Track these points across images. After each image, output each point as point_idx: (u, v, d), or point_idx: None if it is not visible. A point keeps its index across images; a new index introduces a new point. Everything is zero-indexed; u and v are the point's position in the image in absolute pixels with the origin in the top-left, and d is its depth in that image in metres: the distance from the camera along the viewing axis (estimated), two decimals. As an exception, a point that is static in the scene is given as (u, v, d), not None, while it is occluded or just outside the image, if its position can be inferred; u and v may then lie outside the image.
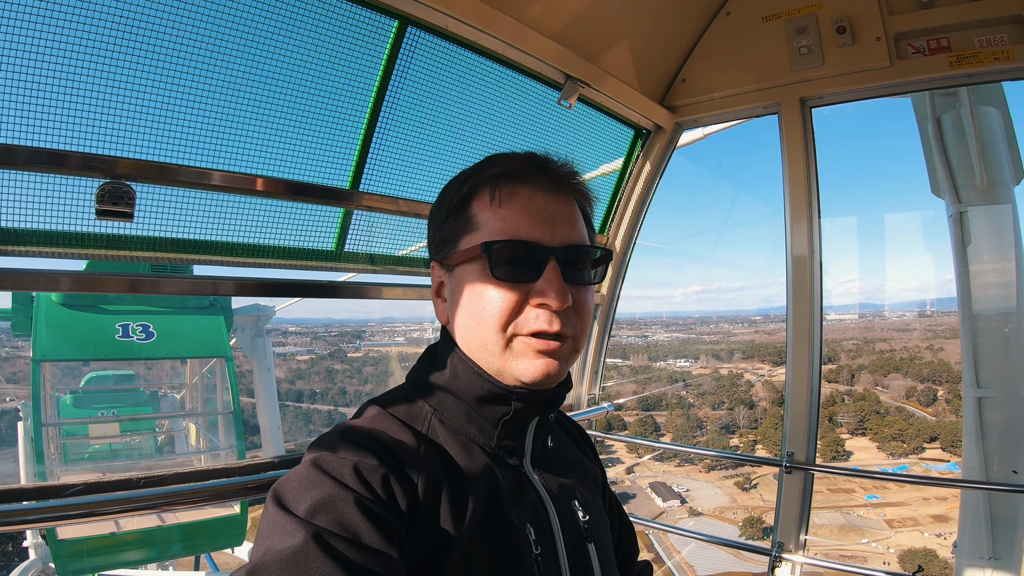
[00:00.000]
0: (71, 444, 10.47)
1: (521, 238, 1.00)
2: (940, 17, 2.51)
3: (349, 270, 2.51)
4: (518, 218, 1.01)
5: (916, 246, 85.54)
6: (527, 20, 2.30)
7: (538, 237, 1.00)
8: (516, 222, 1.01)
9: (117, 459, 10.71)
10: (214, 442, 10.51)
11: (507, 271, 0.99)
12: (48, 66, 1.58)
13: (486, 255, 1.00)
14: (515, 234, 1.00)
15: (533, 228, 1.01)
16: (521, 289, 1.00)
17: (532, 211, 1.02)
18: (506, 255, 0.99)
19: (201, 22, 1.77)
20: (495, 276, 0.99)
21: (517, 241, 1.00)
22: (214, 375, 11.20)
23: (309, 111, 2.12)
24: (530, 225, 1.01)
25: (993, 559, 3.19)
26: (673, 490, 38.57)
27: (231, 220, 2.07)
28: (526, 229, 1.00)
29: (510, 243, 1.00)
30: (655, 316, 78.51)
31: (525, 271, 1.00)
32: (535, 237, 1.00)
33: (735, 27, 2.99)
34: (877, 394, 44.00)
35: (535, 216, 1.01)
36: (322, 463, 0.91)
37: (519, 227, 1.00)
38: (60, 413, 10.54)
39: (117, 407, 11.44)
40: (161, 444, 12.70)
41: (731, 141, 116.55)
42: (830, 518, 34.05)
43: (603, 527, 1.21)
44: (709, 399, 48.07)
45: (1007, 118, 3.21)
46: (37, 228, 1.72)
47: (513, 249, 1.00)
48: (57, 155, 1.63)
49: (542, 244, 1.00)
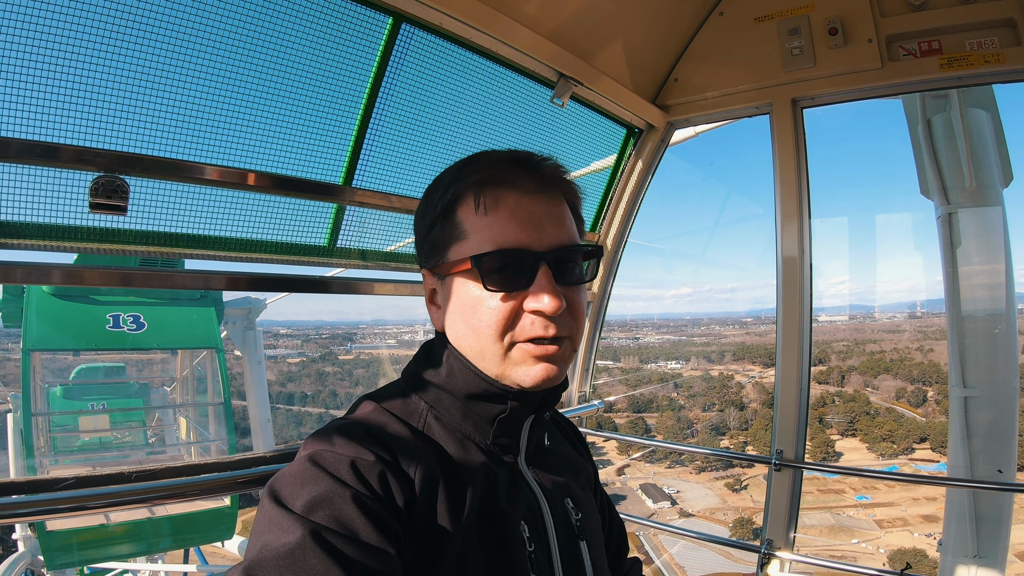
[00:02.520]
0: (60, 437, 10.41)
1: (509, 246, 0.99)
2: (932, 20, 2.53)
3: (341, 266, 2.51)
4: (505, 225, 1.00)
5: (907, 248, 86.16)
6: (521, 18, 2.30)
7: (526, 243, 0.99)
8: (503, 229, 1.00)
9: (107, 451, 10.65)
10: (204, 435, 10.45)
11: (499, 280, 0.99)
12: (42, 59, 1.57)
13: (476, 267, 0.99)
14: (503, 242, 0.99)
15: (521, 234, 0.99)
16: (514, 297, 0.99)
17: (519, 216, 1.00)
18: (496, 264, 0.98)
19: (196, 18, 1.77)
20: (487, 287, 0.99)
21: (506, 250, 0.99)
22: (204, 369, 11.15)
23: (303, 107, 2.11)
24: (518, 231, 0.99)
25: (978, 557, 3.22)
26: (664, 491, 38.67)
27: (223, 215, 2.06)
28: (514, 235, 0.99)
29: (499, 253, 0.98)
30: (646, 318, 78.75)
31: (517, 278, 0.99)
32: (523, 243, 0.99)
33: (728, 27, 3.00)
34: (867, 395, 44.30)
35: (522, 221, 1.00)
36: (319, 459, 0.90)
37: (506, 234, 0.99)
38: (50, 405, 10.46)
39: (107, 399, 11.36)
40: (151, 437, 12.64)
41: (722, 140, 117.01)
42: (820, 518, 34.25)
43: (595, 525, 1.21)
44: (699, 400, 48.25)
45: (997, 121, 3.24)
46: (28, 221, 1.71)
47: (503, 258, 0.99)
48: (50, 148, 1.63)
49: (531, 249, 0.99)
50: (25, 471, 8.05)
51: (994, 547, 3.21)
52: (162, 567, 11.38)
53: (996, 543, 3.22)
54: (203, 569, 11.17)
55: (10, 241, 1.69)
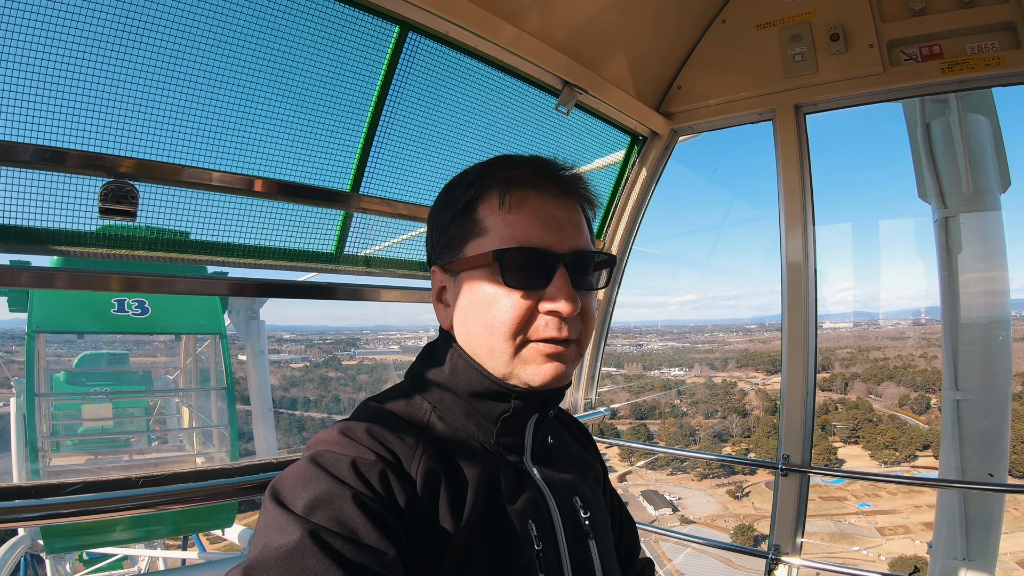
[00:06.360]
0: (63, 425, 10.38)
1: (532, 244, 0.99)
2: (932, 24, 2.55)
3: (348, 272, 2.51)
4: (528, 224, 1.00)
5: (911, 254, 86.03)
6: (526, 27, 2.33)
7: (548, 244, 1.00)
8: (526, 228, 1.00)
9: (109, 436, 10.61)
10: (207, 421, 10.37)
11: (518, 278, 0.99)
12: (53, 65, 1.59)
13: (497, 262, 0.99)
14: (525, 241, 0.99)
15: (543, 234, 1.00)
16: (532, 296, 0.99)
17: (542, 217, 1.01)
18: (518, 261, 0.99)
19: (207, 26, 1.79)
20: (506, 283, 0.99)
21: (529, 248, 0.99)
22: (207, 358, 11.11)
23: (311, 114, 2.14)
24: (540, 231, 1.00)
25: (967, 560, 3.23)
26: (665, 498, 38.55)
27: (231, 220, 2.08)
28: (536, 236, 1.00)
29: (522, 250, 0.99)
30: (650, 324, 78.68)
31: (535, 277, 0.99)
32: (545, 244, 1.00)
33: (730, 34, 3.02)
34: (870, 402, 44.18)
35: (545, 222, 1.01)
36: (320, 459, 0.90)
37: (529, 233, 1.00)
38: (53, 390, 10.44)
39: (110, 385, 11.33)
40: (153, 425, 12.60)
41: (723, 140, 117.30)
42: (822, 525, 34.08)
43: (604, 524, 1.21)
44: (702, 408, 48.15)
45: (996, 126, 3.24)
46: (37, 226, 1.72)
47: (524, 256, 0.99)
48: (59, 153, 1.64)
49: (552, 251, 1.00)
50: (28, 458, 7.97)
51: (984, 550, 3.22)
52: (161, 554, 11.32)
53: (986, 546, 3.22)
54: (202, 556, 11.08)
55: (18, 246, 1.70)
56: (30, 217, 1.69)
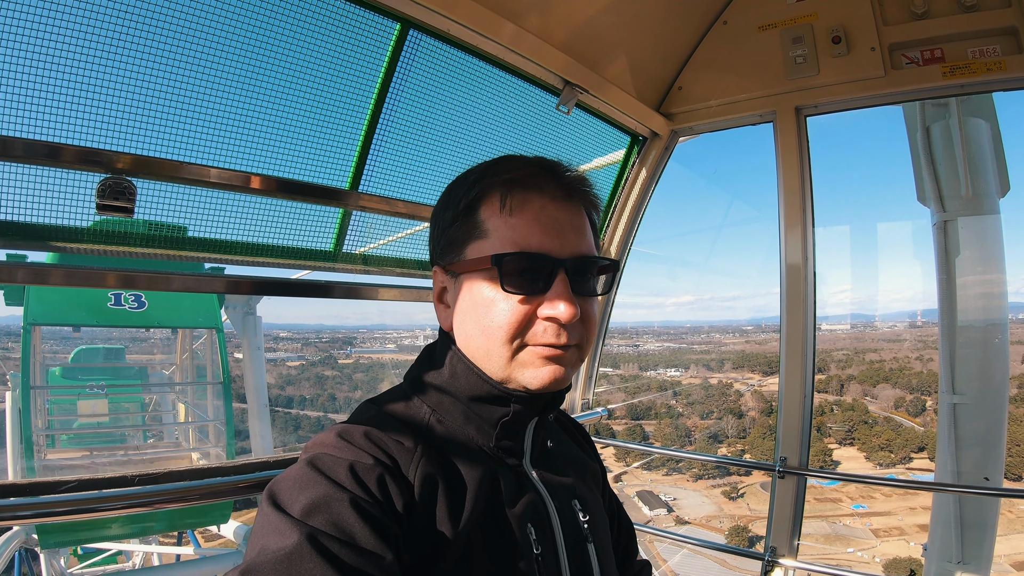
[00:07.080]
0: (59, 420, 10.38)
1: (532, 249, 0.98)
2: (934, 28, 2.55)
3: (347, 271, 2.50)
4: (529, 228, 0.99)
5: (909, 257, 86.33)
6: (528, 26, 2.32)
7: (548, 248, 0.98)
8: (527, 232, 0.98)
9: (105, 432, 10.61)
10: (203, 416, 10.39)
11: (517, 283, 0.97)
12: (50, 60, 1.58)
13: (496, 267, 0.98)
14: (525, 245, 0.98)
15: (544, 239, 0.98)
16: (530, 302, 0.98)
17: (543, 221, 0.99)
18: (517, 266, 0.97)
19: (206, 22, 1.78)
20: (504, 288, 0.97)
21: (528, 253, 0.97)
22: (204, 354, 11.10)
23: (311, 111, 2.12)
24: (541, 236, 0.98)
25: (962, 563, 3.24)
26: (660, 499, 38.57)
27: (229, 217, 2.07)
28: (536, 240, 0.98)
29: (521, 255, 0.97)
30: (647, 325, 78.77)
31: (534, 282, 0.98)
32: (545, 248, 0.98)
33: (732, 36, 3.02)
34: (866, 404, 44.30)
35: (546, 226, 0.99)
36: (318, 463, 0.90)
37: (529, 238, 0.98)
38: (49, 384, 10.41)
39: (106, 380, 11.29)
40: (149, 421, 12.57)
41: (724, 141, 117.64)
42: (816, 527, 34.14)
43: (603, 526, 1.20)
44: (698, 408, 48.21)
45: (996, 130, 3.25)
46: (32, 221, 1.71)
47: (523, 261, 0.97)
48: (57, 148, 1.63)
49: (552, 255, 0.98)
50: (23, 453, 7.94)
51: (978, 553, 3.23)
52: (156, 549, 11.32)
53: (981, 549, 3.24)
54: (197, 552, 11.08)
55: (14, 242, 1.69)
56: (27, 212, 1.68)
